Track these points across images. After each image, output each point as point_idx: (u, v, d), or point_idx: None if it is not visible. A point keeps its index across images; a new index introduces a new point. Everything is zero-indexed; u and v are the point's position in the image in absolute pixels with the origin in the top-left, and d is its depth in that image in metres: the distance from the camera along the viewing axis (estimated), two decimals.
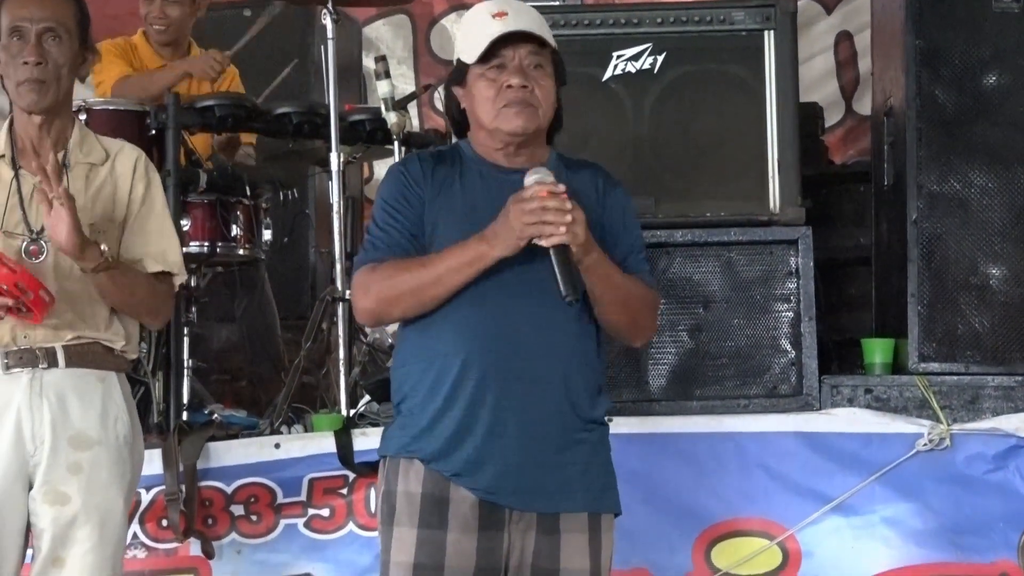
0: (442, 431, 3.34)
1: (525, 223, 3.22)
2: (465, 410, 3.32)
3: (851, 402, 4.50)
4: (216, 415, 4.81)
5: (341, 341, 4.71)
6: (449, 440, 3.33)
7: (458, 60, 3.46)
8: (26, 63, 3.58)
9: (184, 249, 4.84)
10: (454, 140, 3.63)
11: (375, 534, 4.12)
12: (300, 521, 4.44)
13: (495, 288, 3.32)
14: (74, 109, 4.74)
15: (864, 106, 6.74)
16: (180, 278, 3.81)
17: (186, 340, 4.90)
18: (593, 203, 3.44)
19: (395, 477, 3.39)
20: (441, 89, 3.86)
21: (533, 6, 3.51)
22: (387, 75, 4.89)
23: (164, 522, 4.38)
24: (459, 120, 3.51)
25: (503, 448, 3.32)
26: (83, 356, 3.62)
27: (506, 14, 3.40)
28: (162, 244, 3.75)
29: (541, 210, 3.22)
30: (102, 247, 3.52)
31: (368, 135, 5.18)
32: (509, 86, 3.36)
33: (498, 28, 3.38)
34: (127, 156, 3.75)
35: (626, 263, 3.45)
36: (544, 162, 3.45)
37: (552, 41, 3.43)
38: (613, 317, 3.43)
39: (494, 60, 3.39)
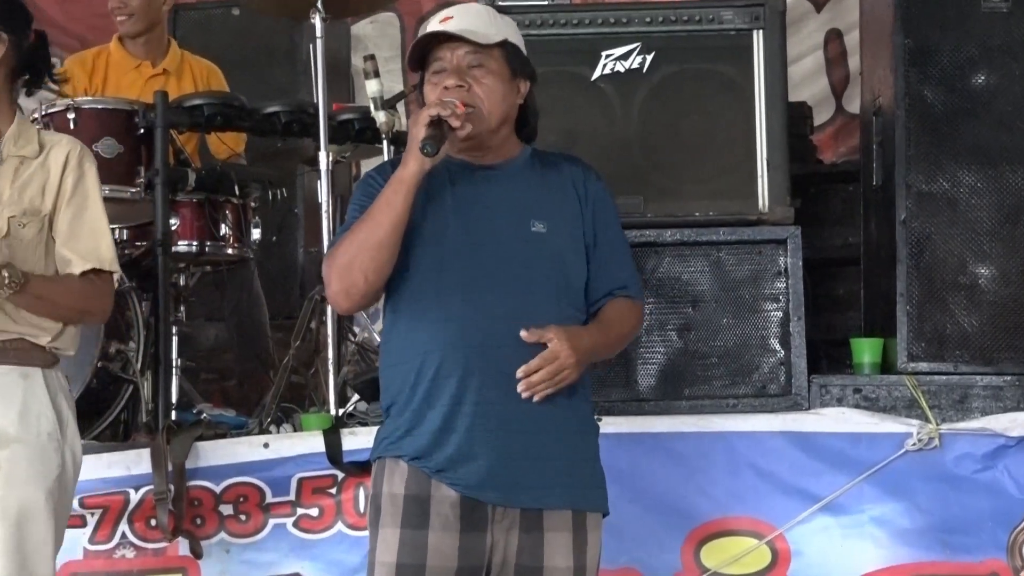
0: (425, 429, 3.36)
1: (420, 128, 3.28)
2: (446, 407, 3.33)
3: (840, 402, 4.50)
4: (205, 414, 4.80)
5: (330, 340, 4.70)
6: (432, 437, 3.35)
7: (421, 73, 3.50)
8: None
9: (173, 248, 4.89)
10: None
11: (363, 534, 4.13)
12: (289, 521, 4.43)
13: (473, 285, 3.34)
14: (63, 108, 4.80)
15: (854, 104, 6.73)
16: (116, 272, 3.71)
17: (175, 339, 4.88)
18: (573, 197, 3.48)
19: (381, 479, 3.41)
20: None
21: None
22: (376, 74, 4.87)
23: (152, 521, 4.37)
24: None
25: (486, 443, 3.33)
26: (5, 353, 3.54)
27: (451, 17, 3.44)
28: (94, 240, 3.64)
29: (429, 115, 3.29)
30: (3, 272, 3.41)
31: (357, 134, 5.17)
32: (446, 87, 3.39)
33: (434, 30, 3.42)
34: (61, 149, 3.67)
35: (609, 269, 3.48)
36: (514, 157, 3.48)
37: (494, 38, 3.43)
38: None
39: (435, 64, 3.44)
